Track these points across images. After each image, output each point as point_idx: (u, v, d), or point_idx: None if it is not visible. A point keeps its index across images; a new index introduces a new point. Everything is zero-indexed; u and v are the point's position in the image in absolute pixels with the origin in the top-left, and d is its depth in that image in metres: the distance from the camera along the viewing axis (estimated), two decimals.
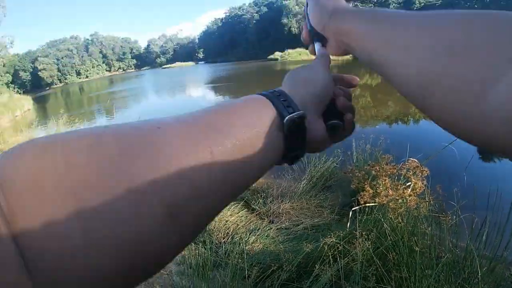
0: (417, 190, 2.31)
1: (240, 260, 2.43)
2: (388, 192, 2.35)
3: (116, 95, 26.54)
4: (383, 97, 18.92)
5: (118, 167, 0.24)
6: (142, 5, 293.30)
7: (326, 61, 0.55)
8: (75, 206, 0.21)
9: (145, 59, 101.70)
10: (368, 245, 2.04)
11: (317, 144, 0.44)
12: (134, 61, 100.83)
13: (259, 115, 0.36)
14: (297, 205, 3.90)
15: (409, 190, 2.27)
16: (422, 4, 50.12)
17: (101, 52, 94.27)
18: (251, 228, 3.43)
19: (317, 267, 1.94)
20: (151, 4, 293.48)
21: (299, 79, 0.47)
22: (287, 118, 0.37)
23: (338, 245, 2.16)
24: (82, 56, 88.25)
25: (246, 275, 2.30)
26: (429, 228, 2.18)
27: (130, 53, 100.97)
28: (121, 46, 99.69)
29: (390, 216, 2.27)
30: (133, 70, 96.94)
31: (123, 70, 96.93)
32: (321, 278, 2.01)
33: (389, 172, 2.53)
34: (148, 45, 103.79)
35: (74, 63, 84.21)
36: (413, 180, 2.36)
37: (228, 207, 3.82)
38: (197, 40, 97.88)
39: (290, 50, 56.16)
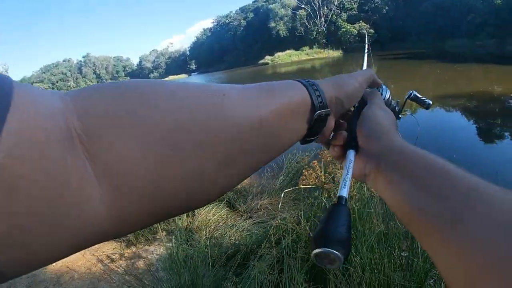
0: None
1: (212, 249, 2.76)
2: (319, 174, 2.62)
3: None
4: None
5: (200, 121, 0.29)
6: (132, 23, 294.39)
7: (365, 80, 0.57)
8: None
9: (138, 76, 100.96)
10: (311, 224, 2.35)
11: (322, 137, 0.49)
12: (128, 78, 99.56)
13: (298, 97, 0.41)
14: (275, 200, 4.14)
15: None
16: None
17: (94, 72, 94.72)
18: (230, 224, 3.69)
19: (262, 246, 2.27)
20: (141, 21, 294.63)
21: (336, 80, 0.50)
22: (317, 112, 0.42)
23: (285, 226, 2.47)
24: (76, 79, 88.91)
25: (210, 262, 2.58)
26: (369, 206, 2.40)
27: (123, 71, 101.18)
28: (114, 65, 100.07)
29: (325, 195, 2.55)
30: None
31: None
32: (266, 256, 2.32)
33: (328, 159, 2.78)
34: (140, 62, 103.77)
35: (69, 86, 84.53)
36: None
37: (211, 207, 4.08)
38: (188, 52, 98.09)
39: (279, 53, 56.22)
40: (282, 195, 3.11)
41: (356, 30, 52.08)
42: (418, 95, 0.76)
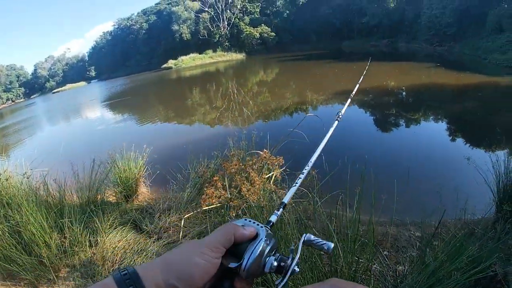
0: (261, 180, 2.18)
1: None
2: (222, 192, 2.20)
3: (8, 130, 24.34)
4: (279, 91, 19.67)
5: None
6: (26, 27, 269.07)
7: (220, 244, 0.60)
8: None
9: (34, 86, 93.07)
10: None
11: None
12: (23, 89, 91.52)
13: None
14: (184, 215, 3.77)
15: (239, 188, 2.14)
16: None
17: None
18: (138, 249, 3.36)
19: None
20: (35, 25, 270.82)
21: (170, 259, 0.53)
22: None
23: None
24: None
25: None
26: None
27: (17, 81, 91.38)
28: (7, 75, 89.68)
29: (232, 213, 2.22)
30: (22, 99, 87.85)
31: (12, 101, 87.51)
32: None
33: (233, 170, 2.38)
34: (35, 70, 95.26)
35: None
36: (252, 173, 2.21)
37: (116, 231, 3.73)
38: (87, 58, 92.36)
39: (183, 57, 55.79)
40: (182, 222, 2.67)
41: (258, 34, 53.43)
42: (313, 238, 0.77)
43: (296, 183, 1.31)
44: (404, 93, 14.81)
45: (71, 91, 63.00)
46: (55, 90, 77.66)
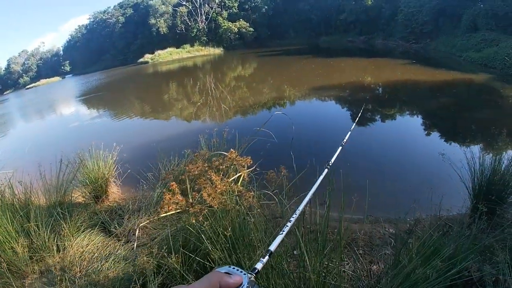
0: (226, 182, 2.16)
1: None
2: (179, 199, 2.14)
3: None
4: (257, 86, 19.65)
5: None
6: None
7: None
8: None
9: (7, 82, 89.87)
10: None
11: None
12: None
13: None
14: (153, 217, 3.69)
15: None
16: None
17: None
18: (106, 254, 3.28)
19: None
20: (7, 17, 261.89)
21: None
22: None
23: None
24: None
25: None
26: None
27: None
28: None
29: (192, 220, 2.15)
30: None
31: None
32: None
33: (196, 172, 2.33)
34: (8, 65, 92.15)
35: None
36: (213, 176, 2.17)
37: (84, 235, 3.66)
38: (61, 52, 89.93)
39: (160, 51, 55.05)
40: (137, 231, 2.60)
41: (236, 28, 53.21)
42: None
43: (283, 231, 1.32)
44: (379, 89, 15.01)
45: (45, 86, 61.32)
46: (28, 86, 75.36)
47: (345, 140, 2.90)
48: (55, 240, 3.48)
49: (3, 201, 3.72)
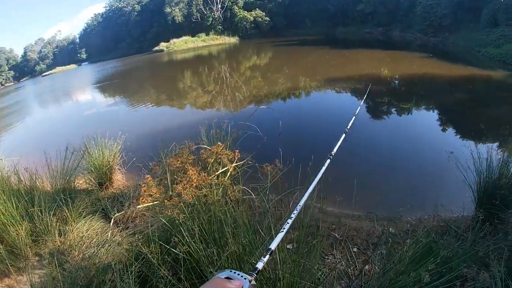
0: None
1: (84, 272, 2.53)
2: (153, 192, 2.17)
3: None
4: (272, 75, 19.58)
5: None
6: (15, 8, 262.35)
7: None
8: None
9: (23, 69, 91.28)
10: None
11: None
12: (12, 72, 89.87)
13: None
14: (152, 205, 3.74)
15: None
16: None
17: None
18: (104, 240, 3.36)
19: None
20: (24, 5, 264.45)
21: None
22: None
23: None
24: None
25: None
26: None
27: (7, 64, 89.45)
28: None
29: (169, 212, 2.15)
30: (12, 83, 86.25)
31: (1, 84, 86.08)
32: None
33: (176, 165, 2.34)
34: (25, 53, 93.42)
35: None
36: (190, 170, 2.18)
37: (85, 220, 3.77)
38: (78, 40, 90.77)
39: (175, 40, 55.09)
40: (112, 222, 2.63)
41: (252, 17, 52.82)
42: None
43: (284, 228, 1.30)
44: (395, 82, 14.77)
45: (61, 74, 62.07)
46: (45, 73, 76.32)
47: (348, 127, 2.79)
48: (57, 225, 3.59)
49: (9, 187, 3.84)
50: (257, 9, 53.59)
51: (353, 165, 6.10)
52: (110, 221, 3.72)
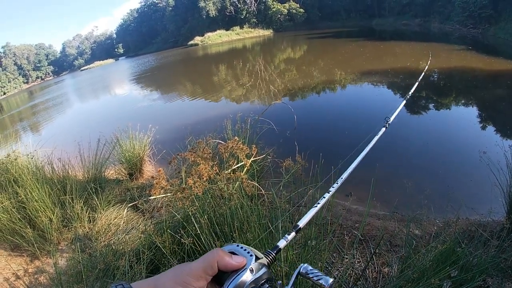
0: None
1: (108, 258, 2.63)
2: (164, 184, 2.19)
3: (38, 108, 25.47)
4: (307, 68, 19.40)
5: None
6: (54, 5, 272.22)
7: (203, 271, 0.59)
8: None
9: (62, 64, 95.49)
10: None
11: None
12: (51, 67, 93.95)
13: None
14: (166, 197, 3.85)
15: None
16: None
17: (15, 63, 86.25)
18: (129, 228, 3.46)
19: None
20: (63, 2, 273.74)
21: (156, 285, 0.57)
22: None
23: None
24: None
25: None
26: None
27: (46, 59, 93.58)
28: (36, 54, 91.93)
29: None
30: (51, 77, 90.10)
31: (42, 79, 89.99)
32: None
33: (192, 159, 2.35)
34: (64, 48, 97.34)
35: None
36: (202, 165, 2.18)
37: (113, 209, 3.90)
38: (115, 35, 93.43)
39: (210, 34, 55.63)
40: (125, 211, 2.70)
41: (286, 10, 52.52)
42: (310, 269, 0.72)
43: (318, 203, 1.14)
44: (433, 76, 14.21)
45: (99, 68, 64.06)
46: (83, 68, 79.17)
47: (410, 94, 2.86)
48: (87, 212, 3.73)
49: (43, 176, 4.01)
50: (291, 1, 53.24)
51: (381, 162, 5.92)
52: (137, 210, 3.82)
